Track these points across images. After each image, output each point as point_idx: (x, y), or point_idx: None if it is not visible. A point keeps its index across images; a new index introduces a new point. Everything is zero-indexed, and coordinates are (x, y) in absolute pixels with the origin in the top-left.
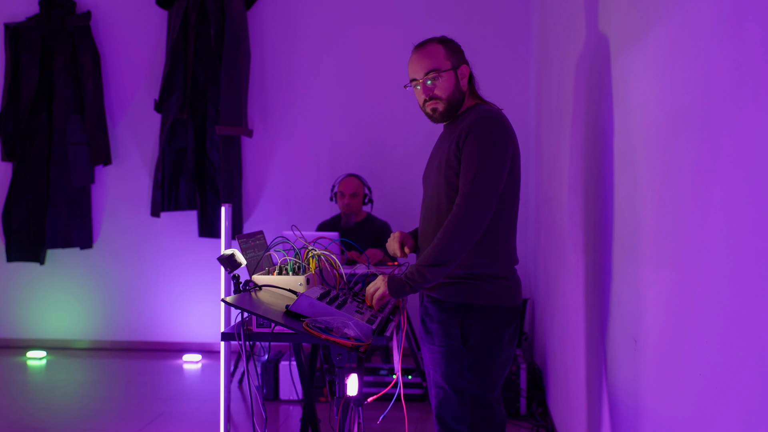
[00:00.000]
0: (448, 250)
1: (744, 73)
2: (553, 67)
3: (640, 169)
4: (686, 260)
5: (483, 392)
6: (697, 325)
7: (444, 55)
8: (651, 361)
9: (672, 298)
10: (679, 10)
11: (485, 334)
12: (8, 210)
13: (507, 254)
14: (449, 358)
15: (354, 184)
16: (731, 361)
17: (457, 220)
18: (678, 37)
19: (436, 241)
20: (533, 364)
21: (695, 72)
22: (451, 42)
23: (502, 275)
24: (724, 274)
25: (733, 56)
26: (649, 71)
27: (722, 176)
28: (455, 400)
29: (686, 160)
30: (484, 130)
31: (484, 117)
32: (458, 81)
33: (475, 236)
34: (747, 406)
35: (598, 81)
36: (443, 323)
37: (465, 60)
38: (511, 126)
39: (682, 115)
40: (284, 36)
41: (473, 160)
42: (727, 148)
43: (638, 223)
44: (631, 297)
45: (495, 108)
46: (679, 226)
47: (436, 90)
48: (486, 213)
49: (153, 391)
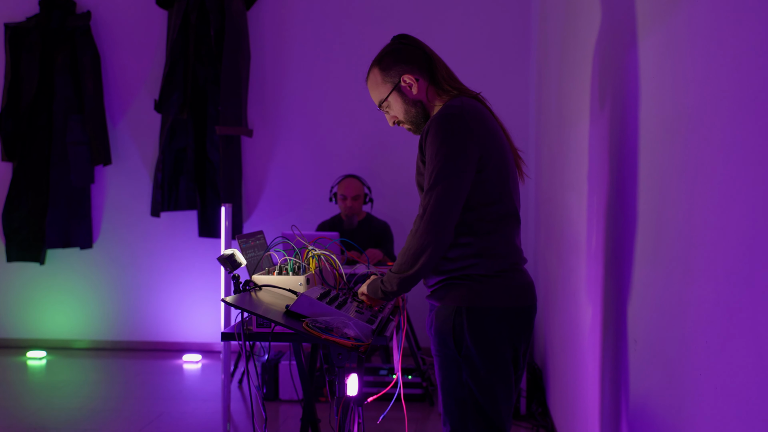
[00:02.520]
0: (415, 261)
1: (743, 73)
2: (553, 67)
3: (641, 168)
4: (686, 260)
5: (486, 402)
6: (697, 325)
7: (381, 80)
8: (651, 361)
9: (672, 298)
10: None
11: (479, 339)
12: (8, 210)
13: (499, 252)
14: (445, 367)
15: (355, 186)
16: (731, 361)
17: (418, 232)
18: (675, 35)
19: (403, 251)
20: (533, 364)
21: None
22: (386, 56)
23: (493, 274)
24: (724, 273)
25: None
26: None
27: (722, 176)
28: (456, 413)
29: (686, 159)
30: (436, 134)
31: (436, 117)
32: (406, 96)
33: (438, 246)
34: (747, 406)
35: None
36: (438, 331)
37: (407, 63)
38: (480, 112)
39: (682, 115)
40: (284, 36)
41: (428, 167)
42: (727, 147)
43: (638, 222)
44: (631, 297)
45: (459, 101)
46: (679, 225)
47: (394, 116)
48: (445, 221)
49: (153, 391)
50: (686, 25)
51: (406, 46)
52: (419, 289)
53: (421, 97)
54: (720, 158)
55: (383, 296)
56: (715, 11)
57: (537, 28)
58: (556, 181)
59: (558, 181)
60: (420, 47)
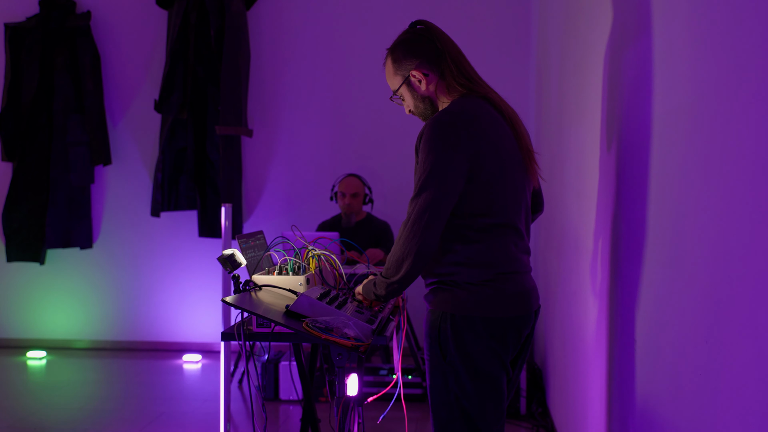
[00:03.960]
0: (399, 268)
1: (741, 74)
2: (553, 67)
3: (641, 168)
4: (686, 260)
5: (471, 408)
6: (697, 325)
7: (393, 71)
8: (651, 361)
9: (672, 297)
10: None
11: (461, 348)
12: (8, 210)
13: (483, 261)
14: (433, 371)
15: (354, 185)
16: (732, 361)
17: (401, 240)
18: (675, 35)
19: (389, 256)
20: (533, 364)
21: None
22: (399, 45)
23: (477, 282)
24: (724, 273)
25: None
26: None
27: (722, 176)
28: (443, 416)
29: (686, 159)
30: (427, 140)
31: (430, 122)
32: (415, 91)
33: (420, 255)
34: (747, 406)
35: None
36: (427, 334)
37: (417, 57)
38: (479, 115)
39: (682, 115)
40: (284, 36)
41: (416, 174)
42: (728, 147)
43: (638, 222)
44: (631, 297)
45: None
46: (680, 225)
47: (407, 108)
48: (426, 230)
49: (153, 391)
50: (689, 24)
51: (419, 37)
52: (419, 289)
53: (429, 93)
54: (726, 158)
55: (375, 298)
56: (716, 11)
57: (537, 28)
58: (556, 181)
59: (558, 181)
60: (433, 39)
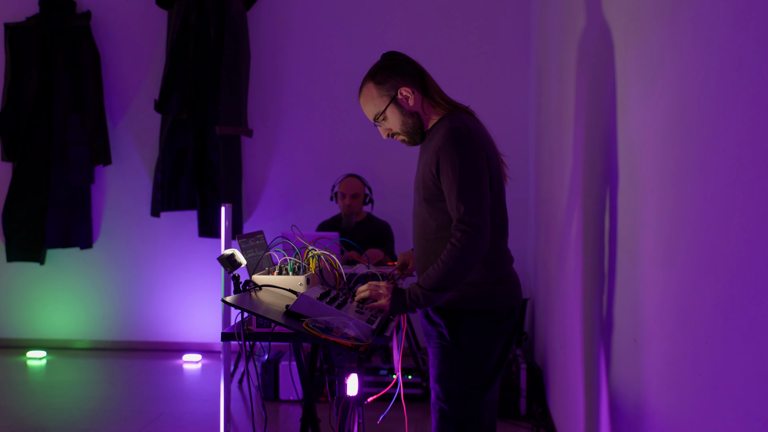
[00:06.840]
0: (452, 275)
1: (744, 75)
2: (553, 66)
3: (641, 168)
4: (686, 260)
5: (472, 393)
6: (697, 324)
7: (377, 94)
8: (651, 361)
9: (672, 297)
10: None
11: (476, 335)
12: (8, 210)
13: (496, 259)
14: (440, 358)
15: (355, 185)
16: (731, 362)
17: (457, 250)
18: (677, 36)
19: (442, 265)
20: (533, 364)
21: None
22: (381, 70)
23: (492, 281)
24: (724, 273)
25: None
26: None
27: (722, 176)
28: (444, 400)
29: (686, 159)
30: (452, 156)
31: (447, 139)
32: (403, 108)
33: (478, 258)
34: (747, 406)
35: (601, 79)
36: (437, 325)
37: (402, 76)
38: (479, 128)
39: (682, 115)
40: (284, 36)
41: (452, 191)
42: (728, 147)
43: (638, 222)
44: (631, 297)
45: (460, 120)
46: (679, 226)
47: (389, 128)
48: (483, 236)
49: (153, 391)
50: (688, 24)
51: (398, 61)
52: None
53: (417, 108)
54: (720, 158)
55: (413, 311)
56: (715, 12)
57: (537, 28)
58: (556, 181)
59: (558, 181)
60: (411, 62)
